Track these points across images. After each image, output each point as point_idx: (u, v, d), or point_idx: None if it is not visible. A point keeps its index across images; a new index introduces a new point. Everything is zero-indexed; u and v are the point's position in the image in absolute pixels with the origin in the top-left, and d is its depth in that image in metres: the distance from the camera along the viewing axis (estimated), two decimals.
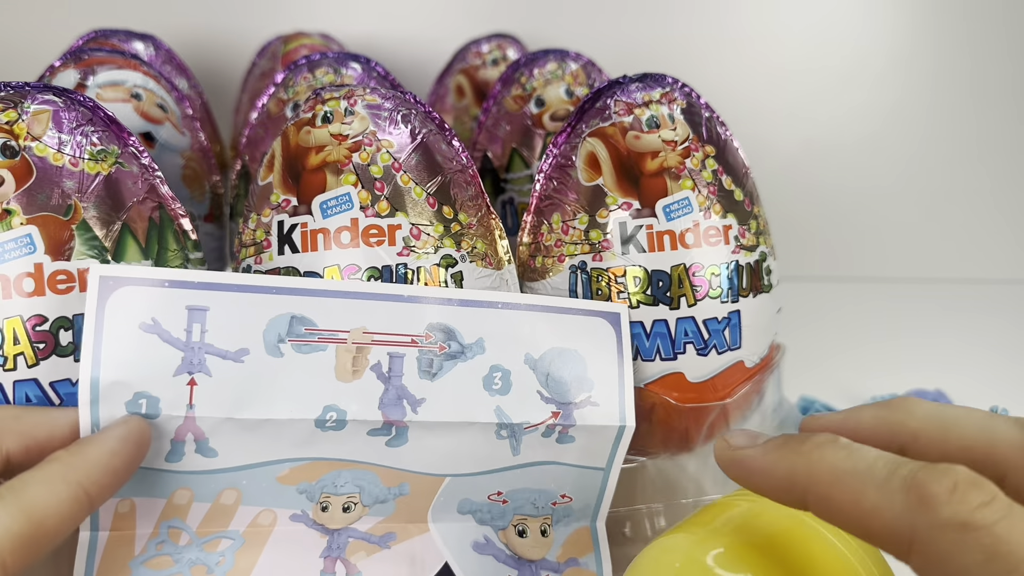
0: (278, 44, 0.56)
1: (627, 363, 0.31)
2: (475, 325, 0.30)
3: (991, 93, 0.73)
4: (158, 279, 0.27)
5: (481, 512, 0.31)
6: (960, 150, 0.74)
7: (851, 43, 0.72)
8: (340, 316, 0.28)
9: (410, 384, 0.28)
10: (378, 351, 0.28)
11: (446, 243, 0.32)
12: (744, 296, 0.35)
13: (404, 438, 0.28)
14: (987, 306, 0.70)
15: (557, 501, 0.32)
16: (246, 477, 0.28)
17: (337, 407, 0.27)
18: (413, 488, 0.29)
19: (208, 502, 0.28)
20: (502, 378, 0.30)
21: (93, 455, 0.24)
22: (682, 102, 0.36)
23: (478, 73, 0.55)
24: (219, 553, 0.27)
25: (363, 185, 0.32)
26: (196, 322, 0.26)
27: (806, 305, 0.65)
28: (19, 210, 0.28)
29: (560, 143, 0.36)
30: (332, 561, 0.28)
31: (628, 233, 0.34)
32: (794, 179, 0.73)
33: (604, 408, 0.31)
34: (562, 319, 0.31)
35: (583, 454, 0.31)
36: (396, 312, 0.29)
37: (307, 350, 0.27)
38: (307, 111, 0.33)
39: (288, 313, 0.27)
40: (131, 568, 0.26)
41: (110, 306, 0.26)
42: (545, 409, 0.30)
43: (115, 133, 0.31)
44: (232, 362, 0.27)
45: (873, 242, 0.76)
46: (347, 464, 0.28)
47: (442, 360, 0.29)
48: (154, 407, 0.26)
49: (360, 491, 0.29)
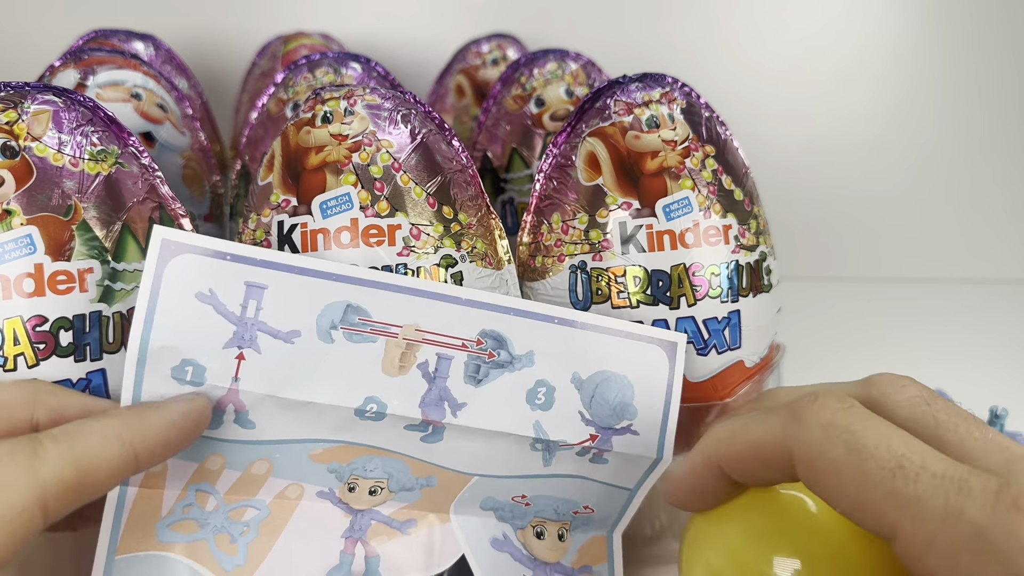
0: (278, 44, 0.56)
1: (675, 395, 0.31)
2: (528, 337, 0.29)
3: (991, 93, 0.73)
4: (220, 251, 0.27)
5: (503, 510, 0.31)
6: (960, 150, 0.74)
7: (851, 43, 0.72)
8: (395, 310, 0.28)
9: (454, 387, 0.28)
10: (427, 350, 0.28)
11: (446, 243, 0.32)
12: (744, 296, 0.35)
13: (440, 437, 0.28)
14: (987, 306, 0.70)
15: (579, 511, 0.32)
16: (280, 451, 0.28)
17: (378, 399, 0.27)
18: (440, 481, 0.29)
19: (239, 471, 0.28)
20: (546, 394, 0.29)
21: (152, 421, 0.24)
22: (682, 102, 0.36)
23: (478, 73, 0.55)
24: (244, 523, 0.28)
25: (363, 185, 0.32)
26: (253, 298, 0.27)
27: (806, 305, 0.65)
28: (19, 210, 0.28)
29: (560, 143, 0.36)
30: (353, 542, 0.28)
31: (628, 233, 0.34)
32: (794, 179, 0.73)
33: (643, 438, 0.30)
34: (617, 343, 0.30)
35: (614, 475, 0.31)
36: (451, 314, 0.29)
37: (358, 339, 0.27)
38: (307, 111, 0.33)
39: (344, 301, 0.27)
40: (157, 529, 0.27)
41: (168, 271, 0.26)
42: (584, 431, 0.30)
43: (115, 133, 0.31)
44: (283, 342, 0.27)
45: (873, 242, 0.76)
46: (379, 451, 0.28)
47: (489, 367, 0.29)
48: (199, 376, 0.26)
49: (388, 477, 0.29)
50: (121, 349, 0.30)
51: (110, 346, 0.29)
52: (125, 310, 0.30)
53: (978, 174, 0.75)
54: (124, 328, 0.30)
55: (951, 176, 0.75)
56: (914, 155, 0.74)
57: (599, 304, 0.34)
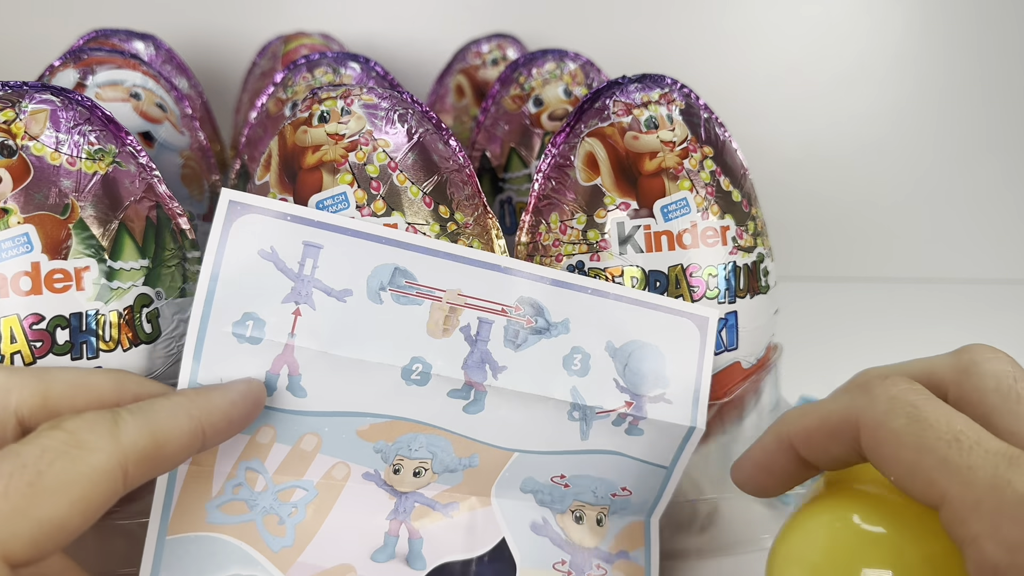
0: (278, 44, 0.56)
1: (707, 367, 0.32)
2: (564, 305, 0.31)
3: (991, 93, 0.73)
4: (282, 212, 0.28)
5: (542, 493, 0.32)
6: (960, 150, 0.74)
7: (850, 44, 0.72)
8: (439, 275, 0.29)
9: (495, 350, 0.30)
10: (469, 314, 0.30)
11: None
12: (741, 297, 0.35)
13: (481, 404, 0.30)
14: (987, 306, 0.70)
15: (617, 493, 0.32)
16: (328, 424, 0.29)
17: (424, 360, 0.29)
18: (482, 460, 0.30)
19: (289, 444, 0.29)
20: (582, 360, 0.31)
21: (216, 400, 0.25)
22: (681, 103, 0.36)
23: (478, 73, 0.55)
24: (292, 504, 0.29)
25: (359, 184, 0.32)
26: (309, 257, 0.28)
27: (805, 305, 0.65)
28: (16, 209, 0.28)
29: (559, 143, 0.36)
30: (397, 524, 0.29)
31: (626, 233, 0.34)
32: (793, 179, 0.73)
33: (676, 407, 0.31)
34: (650, 314, 0.32)
35: (649, 449, 0.32)
36: (491, 280, 0.30)
37: (404, 301, 0.29)
38: (304, 110, 0.33)
39: (393, 264, 0.29)
40: (207, 510, 0.27)
41: (234, 229, 0.28)
42: (619, 397, 0.31)
43: (113, 132, 0.31)
44: (336, 300, 0.28)
45: (873, 242, 0.76)
46: (424, 428, 0.29)
47: (528, 333, 0.30)
48: (259, 329, 0.27)
49: (432, 457, 0.30)
50: (117, 348, 0.30)
51: (107, 345, 0.29)
52: (122, 308, 0.30)
53: (978, 174, 0.75)
54: (121, 327, 0.30)
55: (950, 177, 0.75)
56: (913, 156, 0.74)
57: None
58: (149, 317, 0.31)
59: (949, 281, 0.74)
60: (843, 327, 0.64)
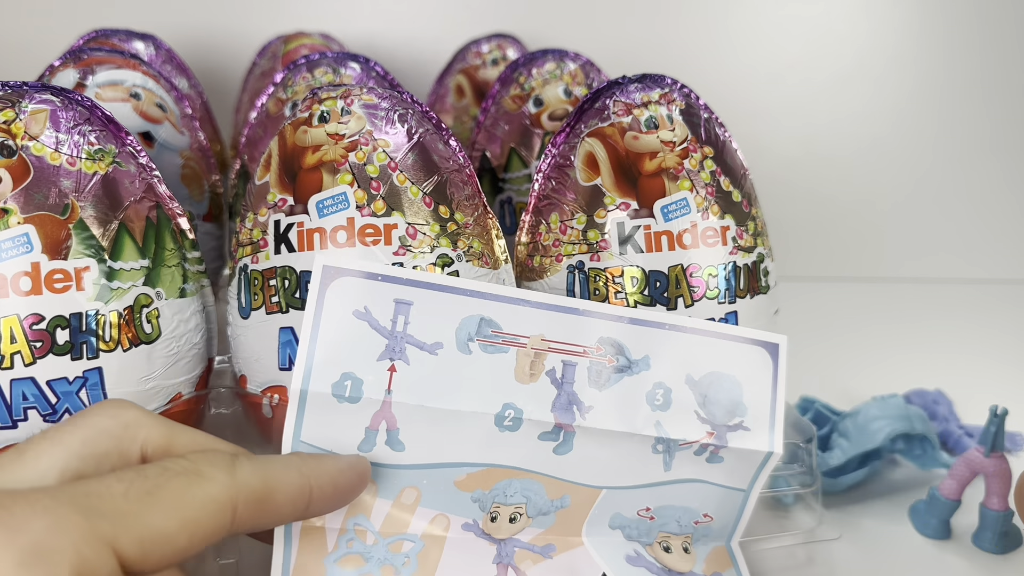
0: (278, 44, 0.56)
1: (781, 391, 0.33)
2: (642, 343, 0.32)
3: (990, 93, 0.73)
4: (373, 272, 0.29)
5: (629, 528, 0.33)
6: (960, 150, 0.74)
7: (850, 44, 0.72)
8: (522, 322, 0.30)
9: (580, 391, 0.30)
10: (553, 358, 0.31)
11: (442, 242, 0.32)
12: (741, 297, 0.35)
13: (570, 445, 0.30)
14: (987, 306, 0.70)
15: (699, 520, 0.33)
16: (427, 477, 0.30)
17: (515, 405, 0.30)
18: (573, 500, 0.31)
19: (390, 499, 0.30)
20: (663, 395, 0.31)
21: (326, 465, 0.26)
22: (681, 103, 0.36)
23: (478, 73, 0.55)
24: (404, 555, 0.30)
25: (359, 184, 0.32)
26: (401, 314, 0.29)
27: (806, 305, 0.65)
28: (16, 209, 0.28)
29: (559, 143, 0.36)
30: (504, 568, 0.30)
31: (626, 233, 0.34)
32: (793, 178, 0.73)
33: (755, 433, 0.32)
34: (724, 345, 0.32)
35: (729, 475, 0.32)
36: (571, 323, 0.31)
37: (492, 350, 0.30)
38: (304, 111, 0.33)
39: (478, 315, 0.30)
40: (326, 566, 0.28)
41: (330, 293, 0.29)
42: (701, 428, 0.31)
43: (113, 132, 0.31)
44: (428, 353, 0.29)
45: (873, 242, 0.76)
46: (518, 473, 0.30)
47: (611, 372, 0.31)
48: (357, 389, 0.28)
49: (527, 501, 0.31)
50: (117, 348, 0.30)
51: (107, 345, 0.29)
52: (122, 308, 0.30)
53: (977, 174, 0.75)
54: (121, 327, 0.30)
55: (950, 176, 0.75)
56: (913, 155, 0.74)
57: None
58: (149, 317, 0.31)
59: (949, 281, 0.74)
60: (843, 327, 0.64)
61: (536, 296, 0.31)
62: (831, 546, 0.38)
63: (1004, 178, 0.75)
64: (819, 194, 0.74)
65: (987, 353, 0.60)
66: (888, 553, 0.38)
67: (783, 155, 0.73)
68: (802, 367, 0.40)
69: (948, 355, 0.59)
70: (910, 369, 0.55)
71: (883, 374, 0.55)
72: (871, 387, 0.48)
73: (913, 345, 0.61)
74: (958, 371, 0.55)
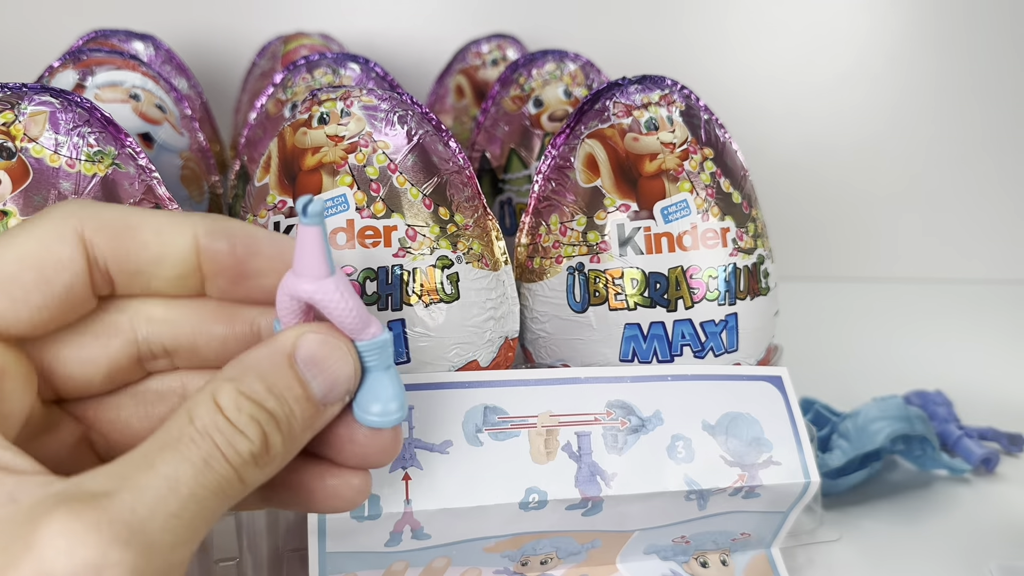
0: (278, 44, 0.56)
1: (799, 418, 0.33)
2: (650, 399, 0.31)
3: (990, 93, 0.73)
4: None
5: (665, 551, 0.33)
6: (959, 150, 0.74)
7: (850, 44, 0.72)
8: (527, 402, 0.30)
9: (600, 460, 0.30)
10: (566, 432, 0.30)
11: (442, 244, 0.32)
12: (741, 299, 0.35)
13: (599, 509, 0.30)
14: (987, 306, 0.70)
15: (736, 538, 0.33)
16: (456, 549, 0.30)
17: (538, 488, 0.29)
18: (604, 542, 0.31)
19: (421, 566, 0.30)
20: (684, 446, 0.31)
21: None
22: (681, 104, 0.36)
23: (478, 73, 0.55)
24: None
25: (359, 186, 0.32)
26: (405, 420, 0.28)
27: (806, 305, 0.65)
28: (15, 211, 0.28)
29: (559, 144, 0.36)
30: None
31: (626, 235, 0.34)
32: (793, 179, 0.73)
33: (787, 467, 0.32)
34: (729, 386, 0.32)
35: (768, 505, 0.32)
36: (575, 394, 0.31)
37: (503, 437, 0.30)
38: (303, 112, 0.33)
39: (481, 404, 0.30)
40: None
41: None
42: (731, 472, 0.31)
43: (112, 134, 0.31)
44: (439, 454, 0.29)
45: (873, 242, 0.76)
46: (546, 535, 0.30)
47: (626, 435, 0.31)
48: (375, 506, 0.28)
49: (556, 550, 0.31)
50: None
51: None
52: None
53: (977, 174, 0.75)
54: None
55: (950, 176, 0.75)
56: (913, 155, 0.74)
57: (596, 306, 0.34)
58: None
59: (949, 281, 0.74)
60: (843, 327, 0.64)
61: (535, 374, 0.31)
62: (831, 547, 0.38)
63: (1003, 178, 0.75)
64: (819, 194, 0.74)
65: (987, 353, 0.60)
66: (888, 554, 0.38)
67: (783, 156, 0.73)
68: (802, 367, 0.40)
69: (948, 355, 0.59)
70: (910, 369, 0.55)
71: (883, 374, 0.55)
72: (871, 388, 0.48)
73: (913, 345, 0.61)
74: (958, 371, 0.55)
